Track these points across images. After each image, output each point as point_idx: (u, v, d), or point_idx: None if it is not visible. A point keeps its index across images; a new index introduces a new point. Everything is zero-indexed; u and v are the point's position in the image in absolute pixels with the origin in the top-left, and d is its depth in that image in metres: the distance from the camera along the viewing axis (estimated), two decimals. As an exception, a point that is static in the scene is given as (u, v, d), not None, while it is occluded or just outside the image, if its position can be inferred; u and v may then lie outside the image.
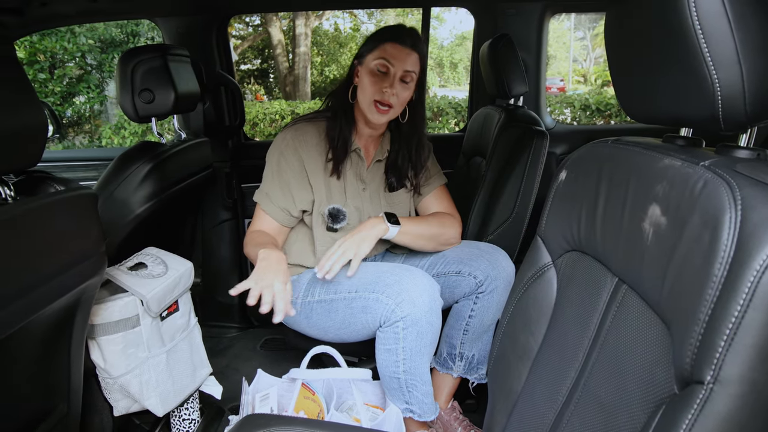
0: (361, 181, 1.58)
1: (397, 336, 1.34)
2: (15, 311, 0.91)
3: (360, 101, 1.49)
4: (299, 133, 1.52)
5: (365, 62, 1.47)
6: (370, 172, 1.60)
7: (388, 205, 1.61)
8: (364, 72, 1.47)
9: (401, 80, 1.45)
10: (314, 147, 1.52)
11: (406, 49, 1.44)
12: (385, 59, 1.43)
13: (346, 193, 1.55)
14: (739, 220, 0.55)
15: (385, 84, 1.43)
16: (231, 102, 2.38)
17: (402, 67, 1.44)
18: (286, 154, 1.51)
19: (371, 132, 1.57)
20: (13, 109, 0.88)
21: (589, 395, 0.80)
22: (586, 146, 0.94)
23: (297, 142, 1.51)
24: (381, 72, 1.44)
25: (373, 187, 1.60)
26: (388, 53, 1.44)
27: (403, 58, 1.44)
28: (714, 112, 0.63)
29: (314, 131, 1.53)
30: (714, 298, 0.55)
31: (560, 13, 2.43)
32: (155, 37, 7.93)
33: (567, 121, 7.28)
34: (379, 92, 1.44)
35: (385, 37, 1.46)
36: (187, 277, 1.53)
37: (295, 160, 1.51)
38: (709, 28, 0.60)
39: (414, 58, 1.45)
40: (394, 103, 1.45)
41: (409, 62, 1.44)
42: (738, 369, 0.53)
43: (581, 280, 0.90)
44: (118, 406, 1.42)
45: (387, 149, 1.61)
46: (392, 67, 1.43)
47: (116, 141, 7.57)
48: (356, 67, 1.51)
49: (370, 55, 1.46)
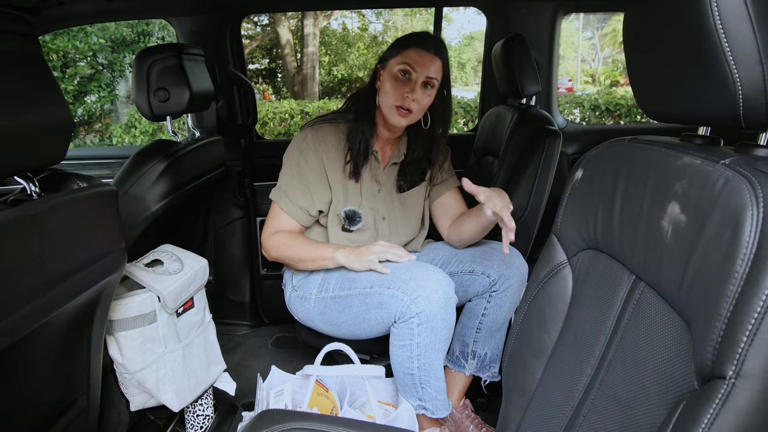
0: (377, 183, 1.59)
1: (412, 332, 1.35)
2: (39, 306, 0.93)
3: (382, 105, 1.50)
4: (320, 134, 1.53)
5: (388, 66, 1.48)
6: (386, 173, 1.61)
7: (401, 205, 1.63)
8: (386, 76, 1.48)
9: (423, 86, 1.46)
10: (334, 148, 1.54)
11: (429, 55, 1.45)
12: (408, 64, 1.44)
13: (362, 195, 1.56)
14: (762, 217, 0.56)
15: (406, 89, 1.45)
16: (243, 101, 2.40)
17: (425, 73, 1.45)
18: (306, 153, 1.52)
19: (390, 135, 1.59)
20: (39, 106, 0.89)
21: (606, 392, 0.81)
22: (603, 145, 0.94)
23: (317, 142, 1.52)
24: (403, 77, 1.45)
25: (388, 188, 1.61)
26: (411, 59, 1.45)
27: (426, 64, 1.45)
28: (735, 110, 0.63)
29: (334, 132, 1.55)
30: (736, 294, 0.56)
31: (572, 12, 2.42)
32: (165, 36, 7.98)
33: (576, 121, 7.26)
34: (400, 97, 1.45)
35: (409, 43, 1.47)
36: (202, 274, 1.55)
37: (315, 159, 1.52)
38: (731, 29, 0.60)
39: (437, 65, 1.46)
40: (415, 108, 1.46)
41: (432, 69, 1.45)
42: (760, 363, 0.53)
43: (597, 278, 0.90)
44: (134, 401, 1.44)
45: (403, 152, 1.62)
46: (415, 73, 1.45)
47: (127, 140, 7.62)
48: (379, 71, 1.52)
49: (394, 60, 1.47)
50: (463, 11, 20.12)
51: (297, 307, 1.60)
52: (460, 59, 18.07)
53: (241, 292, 2.50)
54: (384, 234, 1.60)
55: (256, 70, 12.65)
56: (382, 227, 1.60)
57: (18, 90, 0.87)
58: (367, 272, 1.45)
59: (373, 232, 1.59)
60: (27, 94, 0.88)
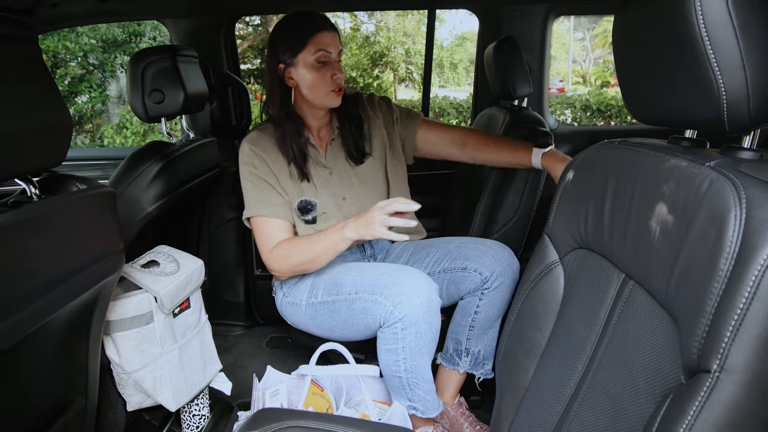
0: (324, 167, 1.60)
1: (397, 336, 1.37)
2: (39, 308, 0.94)
3: (311, 98, 1.51)
4: (256, 144, 1.54)
5: (300, 62, 1.48)
6: (330, 154, 1.61)
7: (360, 181, 1.63)
8: (302, 71, 1.49)
9: (338, 61, 1.50)
10: (274, 152, 1.54)
11: (331, 32, 1.49)
12: (323, 50, 1.47)
13: (316, 185, 1.57)
14: (744, 217, 0.58)
15: (332, 71, 1.48)
16: (237, 102, 2.41)
17: (336, 49, 1.49)
18: (254, 163, 1.53)
19: (321, 120, 1.60)
20: (39, 109, 0.90)
21: (597, 387, 0.83)
22: (593, 147, 0.97)
23: (258, 149, 1.53)
24: (321, 63, 1.47)
25: (339, 168, 1.61)
26: (323, 43, 1.47)
27: (334, 42, 1.49)
28: (719, 115, 0.66)
29: (268, 139, 1.55)
30: (720, 291, 0.58)
31: (564, 15, 2.45)
32: (157, 36, 7.94)
33: (568, 121, 7.32)
34: (330, 82, 1.48)
35: (309, 31, 1.47)
36: (198, 275, 1.56)
37: (263, 165, 1.53)
38: (715, 36, 0.63)
39: (337, 37, 1.50)
40: (342, 83, 1.51)
41: (337, 42, 1.50)
42: (743, 358, 0.56)
43: (588, 277, 0.93)
44: (131, 401, 1.45)
45: (336, 126, 1.63)
46: (330, 54, 1.48)
47: (118, 141, 7.58)
48: (286, 71, 1.51)
49: (304, 52, 1.47)
50: (455, 12, 20.21)
51: (289, 313, 1.62)
52: (452, 60, 18.10)
53: (236, 293, 2.50)
54: (351, 213, 1.59)
55: (248, 70, 12.60)
56: (346, 207, 1.60)
57: (18, 93, 0.88)
58: (352, 277, 1.46)
59: (339, 216, 1.58)
60: (27, 97, 0.89)
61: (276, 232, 1.53)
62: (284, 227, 1.54)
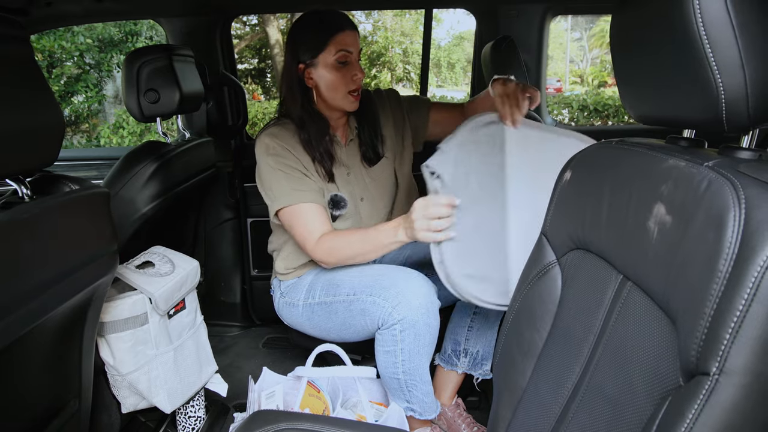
0: (345, 167, 1.58)
1: (395, 338, 1.36)
2: (32, 310, 0.93)
3: (329, 99, 1.49)
4: (279, 137, 1.49)
5: (320, 62, 1.45)
6: (348, 155, 1.60)
7: (372, 181, 1.61)
8: (322, 71, 1.46)
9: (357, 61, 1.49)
10: (299, 148, 1.51)
11: (353, 32, 1.46)
12: (344, 50, 1.44)
13: (338, 185, 1.56)
14: (743, 218, 0.57)
15: (352, 72, 1.46)
16: (234, 102, 2.40)
17: (356, 49, 1.47)
18: (282, 154, 1.47)
19: (338, 119, 1.58)
20: (31, 108, 0.89)
21: (594, 389, 0.82)
22: (591, 147, 0.96)
23: (282, 142, 1.48)
24: (342, 63, 1.45)
25: (355, 169, 1.60)
26: (344, 43, 1.44)
27: (355, 42, 1.47)
28: (718, 115, 0.65)
29: (291, 135, 1.50)
30: (719, 293, 0.57)
31: (561, 14, 2.45)
32: (154, 36, 7.92)
33: (565, 121, 7.32)
34: (350, 82, 1.46)
35: (331, 31, 1.44)
36: (193, 276, 1.55)
37: (291, 156, 1.49)
38: (714, 35, 0.62)
39: (357, 36, 1.48)
40: (361, 85, 1.49)
41: (357, 42, 1.48)
42: (742, 360, 0.55)
43: (586, 278, 0.92)
44: (126, 403, 1.44)
45: (355, 126, 1.61)
46: (351, 54, 1.46)
47: (115, 140, 7.56)
48: (306, 71, 1.48)
49: (325, 53, 1.44)
50: (452, 12, 20.20)
51: (286, 313, 1.61)
52: (449, 59, 18.11)
53: (232, 293, 2.50)
54: (366, 214, 1.59)
55: (246, 70, 12.59)
56: (363, 208, 1.60)
57: (9, 92, 0.87)
58: (350, 278, 1.45)
59: (357, 218, 1.58)
60: (18, 97, 0.88)
61: (318, 220, 1.45)
62: (324, 214, 1.47)
